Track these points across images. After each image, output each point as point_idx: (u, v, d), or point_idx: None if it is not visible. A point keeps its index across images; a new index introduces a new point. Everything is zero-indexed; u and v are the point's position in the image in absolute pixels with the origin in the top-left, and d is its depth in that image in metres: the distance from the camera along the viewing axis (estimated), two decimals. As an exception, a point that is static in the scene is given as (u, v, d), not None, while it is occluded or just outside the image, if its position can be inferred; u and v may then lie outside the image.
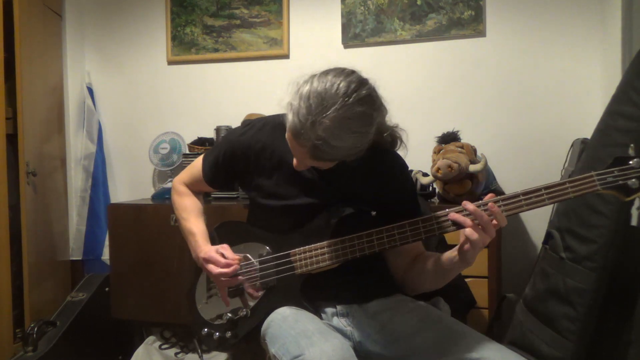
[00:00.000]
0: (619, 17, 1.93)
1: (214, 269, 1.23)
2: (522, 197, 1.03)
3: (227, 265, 1.21)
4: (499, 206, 1.02)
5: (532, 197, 1.03)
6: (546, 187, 1.02)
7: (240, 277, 1.24)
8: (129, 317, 2.37)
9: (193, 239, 1.33)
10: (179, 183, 1.46)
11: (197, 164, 1.42)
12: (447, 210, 1.07)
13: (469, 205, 1.02)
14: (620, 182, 0.99)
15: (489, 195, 1.06)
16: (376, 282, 1.28)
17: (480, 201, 1.04)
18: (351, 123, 1.00)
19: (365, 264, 1.25)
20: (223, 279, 1.22)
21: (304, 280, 1.20)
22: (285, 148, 1.26)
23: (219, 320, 1.28)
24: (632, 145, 1.02)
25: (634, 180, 0.98)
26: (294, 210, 1.24)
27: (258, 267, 1.25)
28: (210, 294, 1.35)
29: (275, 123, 1.30)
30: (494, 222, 1.01)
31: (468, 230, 1.00)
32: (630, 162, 0.99)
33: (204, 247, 1.30)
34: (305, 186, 1.24)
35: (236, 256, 1.23)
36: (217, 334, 1.26)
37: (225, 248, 1.26)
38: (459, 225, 1.03)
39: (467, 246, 1.02)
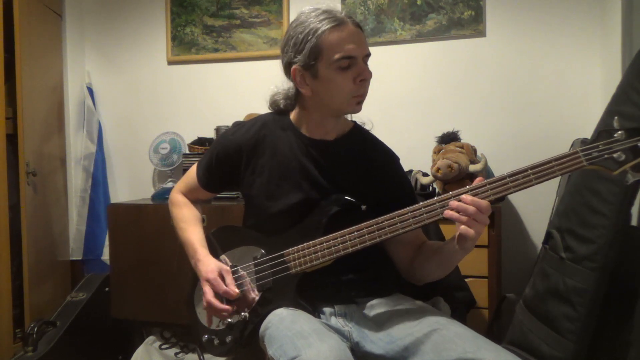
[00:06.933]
0: (619, 17, 1.93)
1: (208, 293, 1.21)
2: (508, 179, 1.02)
3: (225, 292, 1.19)
4: (486, 190, 1.03)
5: (519, 178, 1.01)
6: (532, 167, 1.00)
7: (226, 314, 1.20)
8: (129, 317, 2.38)
9: (192, 247, 1.32)
10: (176, 193, 1.46)
11: (192, 171, 1.42)
12: (434, 198, 1.08)
13: (453, 202, 1.03)
14: (606, 155, 0.95)
15: (478, 179, 1.06)
16: (374, 281, 1.27)
17: (462, 189, 1.05)
18: None
19: (363, 263, 1.25)
20: (213, 307, 1.20)
21: (300, 280, 1.20)
22: (277, 143, 1.28)
23: (218, 326, 1.28)
24: (616, 117, 0.99)
25: (619, 153, 0.94)
26: (287, 207, 1.24)
27: (254, 269, 1.25)
28: None
29: (266, 120, 1.33)
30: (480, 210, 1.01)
31: (462, 227, 1.01)
32: (615, 135, 0.95)
33: (204, 258, 1.27)
34: (299, 181, 1.24)
35: (236, 289, 1.21)
36: (217, 339, 1.27)
37: (227, 272, 1.24)
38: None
39: (462, 238, 1.04)
